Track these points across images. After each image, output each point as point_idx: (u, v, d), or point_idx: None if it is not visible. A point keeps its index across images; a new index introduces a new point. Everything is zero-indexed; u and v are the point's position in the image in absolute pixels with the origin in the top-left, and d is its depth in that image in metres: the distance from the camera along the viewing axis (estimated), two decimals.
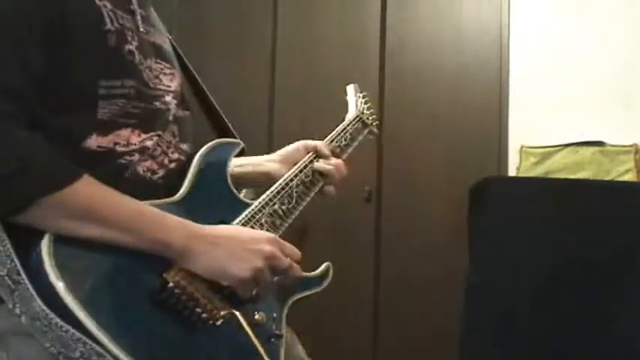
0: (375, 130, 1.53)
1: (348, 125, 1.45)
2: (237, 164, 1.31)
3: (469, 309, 2.41)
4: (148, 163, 1.08)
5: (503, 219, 2.42)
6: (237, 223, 1.11)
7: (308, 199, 1.27)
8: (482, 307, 2.38)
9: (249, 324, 1.03)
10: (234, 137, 1.29)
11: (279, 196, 1.21)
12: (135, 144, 1.06)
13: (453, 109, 3.11)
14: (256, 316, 1.05)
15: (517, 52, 3.03)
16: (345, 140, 1.41)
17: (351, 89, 1.56)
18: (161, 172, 1.10)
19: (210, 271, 1.00)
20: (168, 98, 1.14)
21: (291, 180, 1.25)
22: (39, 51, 0.97)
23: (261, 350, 1.01)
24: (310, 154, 1.33)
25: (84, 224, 0.93)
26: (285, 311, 1.16)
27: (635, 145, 2.69)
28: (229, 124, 1.32)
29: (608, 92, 2.88)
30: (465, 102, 3.09)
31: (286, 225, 1.20)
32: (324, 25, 3.36)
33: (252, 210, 1.15)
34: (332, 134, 1.40)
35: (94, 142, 1.02)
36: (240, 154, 1.28)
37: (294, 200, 1.23)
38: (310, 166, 1.31)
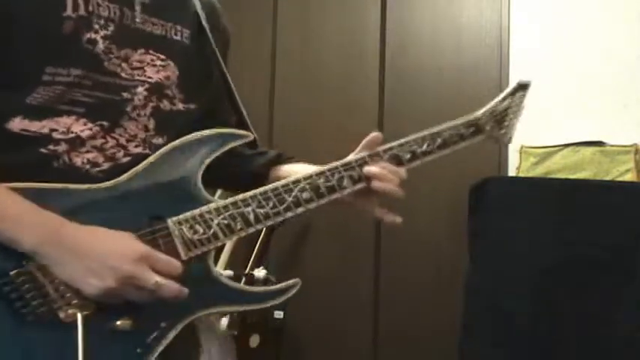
0: (503, 139, 1.33)
1: (447, 129, 1.27)
2: (288, 171, 1.24)
3: (469, 309, 2.41)
4: (91, 155, 1.04)
5: (503, 219, 2.42)
6: (175, 221, 1.03)
7: (313, 205, 1.12)
8: (482, 307, 2.39)
9: (105, 329, 0.96)
10: (246, 129, 1.20)
11: (260, 197, 1.09)
12: (75, 132, 1.03)
13: (453, 110, 3.07)
14: (118, 322, 0.97)
15: (517, 53, 3.03)
16: (429, 146, 1.23)
17: (513, 84, 1.37)
18: (105, 166, 1.05)
19: (62, 278, 0.96)
20: (140, 89, 1.09)
21: (295, 183, 1.12)
22: None
23: (80, 357, 0.93)
24: (356, 156, 1.18)
25: None
26: (184, 323, 1.02)
27: (635, 145, 2.69)
28: (246, 117, 1.25)
29: (608, 92, 2.88)
30: (464, 103, 3.08)
31: (252, 230, 1.07)
32: (324, 26, 3.36)
33: (206, 209, 1.06)
34: (410, 137, 1.21)
35: (17, 124, 1.00)
36: (252, 145, 1.21)
37: (283, 205, 1.10)
38: (341, 169, 1.15)
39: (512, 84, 1.36)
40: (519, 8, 3.04)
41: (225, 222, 1.06)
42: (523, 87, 1.38)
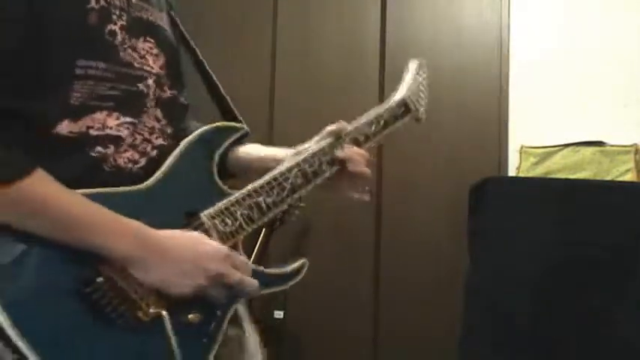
0: (421, 116, 1.39)
1: (385, 111, 1.32)
2: (245, 152, 1.28)
3: (469, 309, 2.41)
4: (129, 154, 1.06)
5: (503, 219, 2.42)
6: (207, 215, 1.08)
7: (304, 191, 1.19)
8: (482, 307, 2.39)
9: (180, 324, 1.00)
10: (238, 121, 1.24)
11: (267, 187, 1.15)
12: (111, 127, 1.04)
13: (453, 110, 3.11)
14: (190, 316, 1.02)
15: (517, 53, 3.04)
16: (376, 127, 1.29)
17: (413, 65, 1.43)
18: (143, 162, 1.08)
19: (152, 282, 0.98)
20: (150, 81, 1.11)
21: (289, 171, 1.18)
22: (13, 31, 0.95)
23: (177, 357, 0.98)
24: (324, 142, 1.23)
25: (28, 221, 0.92)
26: (232, 308, 1.09)
27: (635, 145, 2.69)
28: (233, 108, 1.28)
29: (608, 92, 2.88)
30: (465, 102, 3.09)
31: (266, 219, 1.14)
32: (324, 26, 3.36)
33: (229, 201, 1.11)
34: (359, 121, 1.28)
35: (64, 128, 1.00)
36: (243, 139, 1.24)
37: (285, 192, 1.16)
38: (319, 155, 1.21)
39: (412, 65, 1.43)
40: (519, 8, 3.05)
41: (246, 212, 1.12)
42: (422, 66, 1.45)
